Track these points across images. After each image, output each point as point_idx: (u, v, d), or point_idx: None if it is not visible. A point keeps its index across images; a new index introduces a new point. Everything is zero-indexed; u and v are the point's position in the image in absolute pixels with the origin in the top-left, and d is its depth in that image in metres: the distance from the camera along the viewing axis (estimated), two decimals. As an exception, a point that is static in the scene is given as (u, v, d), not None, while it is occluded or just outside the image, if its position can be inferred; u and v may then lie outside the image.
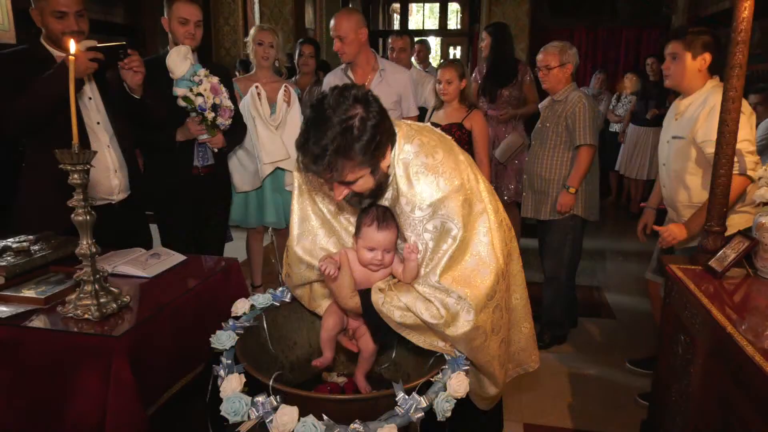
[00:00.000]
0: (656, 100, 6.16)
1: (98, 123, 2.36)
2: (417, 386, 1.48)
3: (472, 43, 7.28)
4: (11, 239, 2.07)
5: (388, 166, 1.53)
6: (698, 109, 2.38)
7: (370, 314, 1.58)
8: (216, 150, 2.85)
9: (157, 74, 2.58)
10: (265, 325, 1.84)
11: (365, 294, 1.59)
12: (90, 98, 2.34)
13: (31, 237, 2.10)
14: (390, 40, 4.22)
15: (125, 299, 1.72)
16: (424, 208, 1.50)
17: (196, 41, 2.75)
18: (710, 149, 2.23)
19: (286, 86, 3.21)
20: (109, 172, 2.39)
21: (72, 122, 1.57)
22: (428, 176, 1.50)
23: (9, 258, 1.92)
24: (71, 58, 1.50)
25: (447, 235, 1.51)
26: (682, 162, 2.46)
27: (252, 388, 1.56)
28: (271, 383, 1.44)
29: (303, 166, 1.46)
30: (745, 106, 2.26)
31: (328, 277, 1.60)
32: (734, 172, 2.17)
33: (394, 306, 1.53)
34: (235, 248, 3.74)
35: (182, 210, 2.85)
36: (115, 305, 1.67)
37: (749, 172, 2.26)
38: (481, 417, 1.91)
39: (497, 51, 4.20)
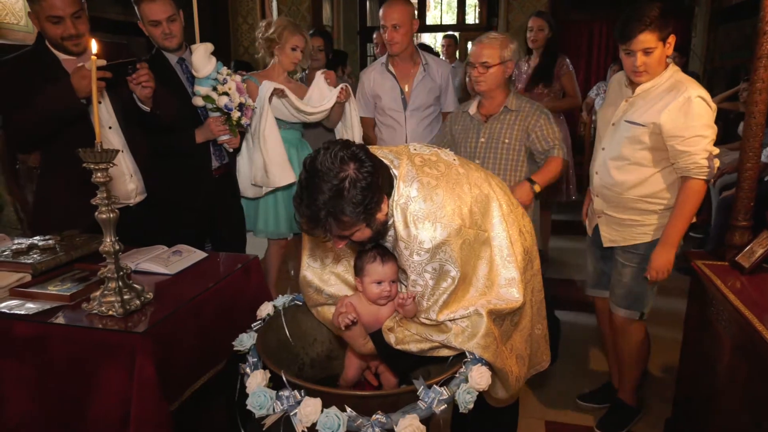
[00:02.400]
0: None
1: (110, 128, 2.34)
2: (440, 381, 1.48)
3: (490, 37, 7.20)
4: (38, 237, 2.11)
5: (386, 213, 1.53)
6: (664, 97, 2.08)
7: (386, 354, 1.64)
8: (231, 150, 2.83)
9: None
10: (284, 323, 1.86)
11: (377, 335, 1.64)
12: (100, 102, 2.30)
13: (57, 235, 2.14)
14: (375, 35, 4.10)
15: (148, 296, 1.74)
16: (422, 253, 1.51)
17: (177, 38, 2.61)
18: (681, 146, 2.04)
19: (343, 87, 3.02)
20: (124, 177, 2.37)
21: (95, 122, 1.60)
22: (425, 223, 1.49)
23: (35, 255, 1.95)
24: (93, 57, 1.52)
25: (446, 275, 1.53)
26: (633, 150, 2.17)
27: (275, 385, 1.58)
28: (284, 377, 1.47)
29: (298, 225, 1.50)
30: (711, 101, 2.06)
31: (345, 327, 1.63)
32: (702, 177, 2.05)
33: (408, 340, 1.60)
34: (254, 246, 3.74)
35: (198, 211, 2.80)
36: (138, 302, 1.69)
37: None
38: (499, 411, 1.90)
39: (552, 44, 4.01)
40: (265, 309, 1.83)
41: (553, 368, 2.84)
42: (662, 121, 2.06)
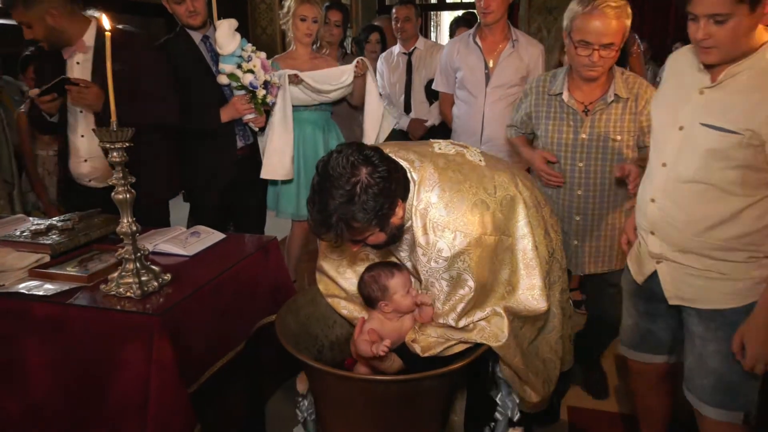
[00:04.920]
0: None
1: (81, 111, 2.36)
2: (460, 365, 1.47)
3: (513, 13, 7.02)
4: (56, 218, 2.11)
5: (402, 217, 1.51)
6: (763, 87, 1.40)
7: (415, 365, 1.62)
8: (257, 129, 2.78)
9: (171, 56, 2.53)
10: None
11: (402, 350, 1.64)
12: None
13: (75, 216, 2.13)
14: (394, 10, 3.89)
15: (166, 277, 1.73)
16: (440, 261, 1.49)
17: (201, 15, 2.57)
18: None
19: (359, 60, 2.91)
20: (79, 158, 2.42)
21: (110, 101, 1.57)
22: (445, 231, 1.47)
23: (54, 236, 1.95)
24: (108, 34, 1.49)
25: (464, 283, 1.51)
26: (718, 170, 1.44)
27: (292, 367, 1.56)
28: (305, 360, 1.47)
29: (312, 230, 1.49)
30: None
31: (377, 356, 1.59)
32: None
33: (432, 345, 1.58)
34: (276, 228, 3.71)
35: (222, 191, 2.77)
36: (156, 283, 1.67)
37: None
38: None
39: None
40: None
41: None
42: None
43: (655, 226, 1.60)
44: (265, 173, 2.81)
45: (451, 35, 5.19)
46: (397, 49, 3.94)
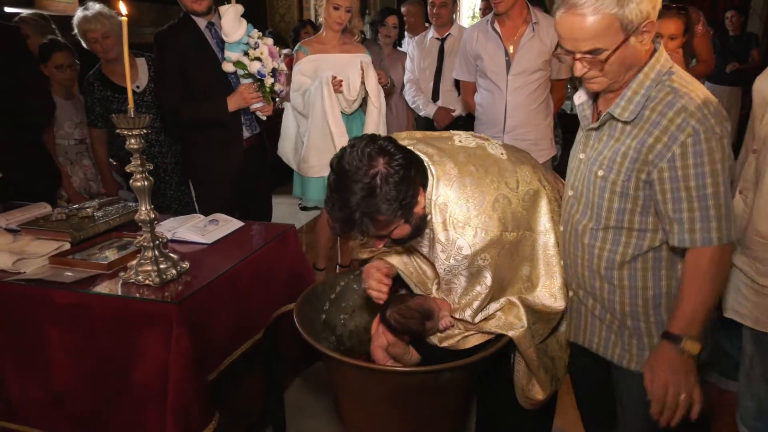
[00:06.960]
0: (736, 56, 5.72)
1: None
2: (480, 357, 1.44)
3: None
4: (76, 206, 2.12)
5: (424, 207, 1.47)
6: None
7: (432, 359, 1.60)
8: (265, 118, 2.72)
9: (176, 43, 2.51)
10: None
11: (420, 344, 1.63)
12: None
13: (95, 203, 2.14)
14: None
15: (184, 265, 1.72)
16: (460, 259, 1.46)
17: (206, 1, 2.52)
18: None
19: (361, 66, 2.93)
20: None
21: (127, 87, 1.56)
22: (466, 228, 1.43)
23: (74, 224, 1.95)
24: (123, 19, 1.47)
25: (482, 280, 1.49)
26: None
27: (310, 356, 1.55)
28: (323, 349, 1.45)
29: (333, 230, 1.45)
30: None
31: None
32: None
33: (451, 335, 1.56)
34: (283, 218, 3.68)
35: (229, 182, 2.73)
36: (174, 271, 1.66)
37: None
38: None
39: None
40: None
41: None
42: None
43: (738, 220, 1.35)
44: (306, 171, 2.87)
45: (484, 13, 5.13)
46: (430, 33, 3.87)
